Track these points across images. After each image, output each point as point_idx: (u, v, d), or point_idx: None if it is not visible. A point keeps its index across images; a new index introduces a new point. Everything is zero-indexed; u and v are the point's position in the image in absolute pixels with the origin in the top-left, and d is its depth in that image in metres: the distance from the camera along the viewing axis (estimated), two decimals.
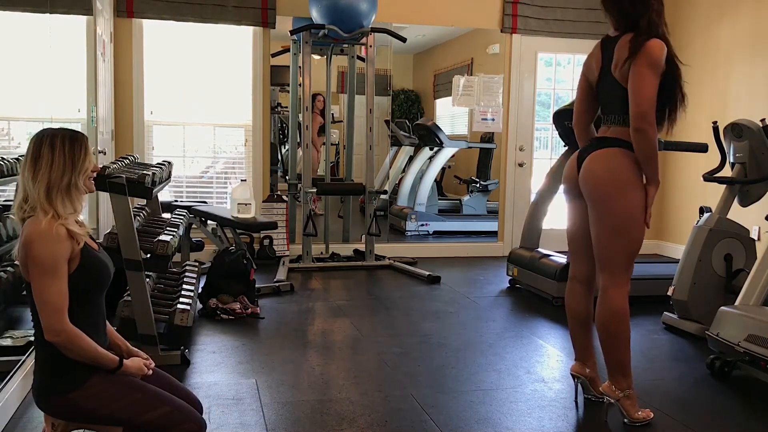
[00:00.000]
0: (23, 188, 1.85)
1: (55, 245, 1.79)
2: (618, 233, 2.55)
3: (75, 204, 1.88)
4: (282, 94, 6.50)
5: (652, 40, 2.45)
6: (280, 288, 4.71)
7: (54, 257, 1.79)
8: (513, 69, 6.31)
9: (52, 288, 1.78)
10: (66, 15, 4.35)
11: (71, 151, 1.87)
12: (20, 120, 4.05)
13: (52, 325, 1.78)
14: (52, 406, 1.88)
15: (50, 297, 1.78)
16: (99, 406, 1.86)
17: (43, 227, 1.79)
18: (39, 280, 1.79)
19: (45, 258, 1.78)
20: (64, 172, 1.84)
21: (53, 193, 1.83)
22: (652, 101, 2.45)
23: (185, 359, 3.17)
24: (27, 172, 1.84)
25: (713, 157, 4.12)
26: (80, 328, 1.82)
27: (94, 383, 1.86)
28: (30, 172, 1.83)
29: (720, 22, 5.79)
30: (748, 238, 3.93)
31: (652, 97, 2.45)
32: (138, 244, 3.07)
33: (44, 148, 1.84)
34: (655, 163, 2.52)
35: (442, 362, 3.35)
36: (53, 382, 1.85)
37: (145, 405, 1.89)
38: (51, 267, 1.79)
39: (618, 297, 2.58)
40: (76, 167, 1.87)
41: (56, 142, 1.85)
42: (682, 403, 2.94)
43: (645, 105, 2.44)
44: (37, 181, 1.82)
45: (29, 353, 2.86)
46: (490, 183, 7.30)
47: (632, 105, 2.46)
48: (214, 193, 6.00)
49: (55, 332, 1.78)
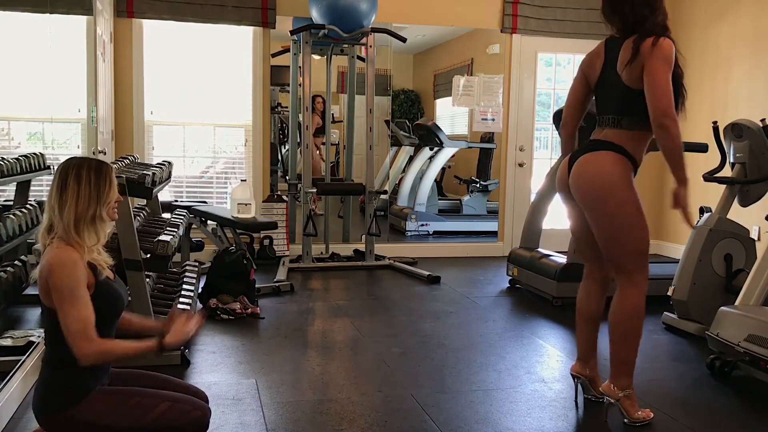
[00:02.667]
0: (48, 217, 1.90)
1: (75, 271, 1.84)
2: (618, 235, 2.55)
3: (99, 234, 1.93)
4: (282, 94, 6.50)
5: (664, 39, 2.45)
6: (280, 288, 4.71)
7: (76, 283, 1.83)
8: (513, 69, 6.31)
9: (78, 314, 1.82)
10: (66, 15, 4.35)
11: (97, 183, 1.91)
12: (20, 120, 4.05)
13: (82, 350, 1.82)
14: (54, 423, 1.89)
15: (76, 325, 1.82)
16: (98, 417, 1.88)
17: (63, 255, 1.84)
18: (62, 307, 1.82)
19: (65, 285, 1.82)
20: (89, 203, 1.89)
21: (80, 224, 1.88)
22: (671, 96, 2.42)
23: (185, 359, 3.17)
24: (54, 201, 1.89)
25: (713, 157, 4.12)
26: None
27: (92, 398, 1.89)
28: (57, 202, 1.88)
29: (720, 22, 5.79)
30: (748, 238, 3.93)
31: (670, 93, 2.42)
32: (138, 244, 3.07)
33: (70, 180, 1.89)
34: (680, 159, 2.46)
35: (442, 362, 3.35)
36: (53, 400, 1.88)
37: (144, 407, 1.91)
38: (73, 294, 1.83)
39: (634, 297, 2.57)
40: (101, 199, 1.92)
41: (82, 173, 1.90)
42: (682, 403, 2.94)
43: (665, 100, 2.41)
44: (64, 212, 1.87)
45: (29, 353, 2.87)
46: (490, 183, 7.30)
47: (652, 102, 2.42)
48: (214, 193, 6.00)
49: (86, 356, 1.83)
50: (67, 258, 1.84)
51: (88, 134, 4.57)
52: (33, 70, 3.79)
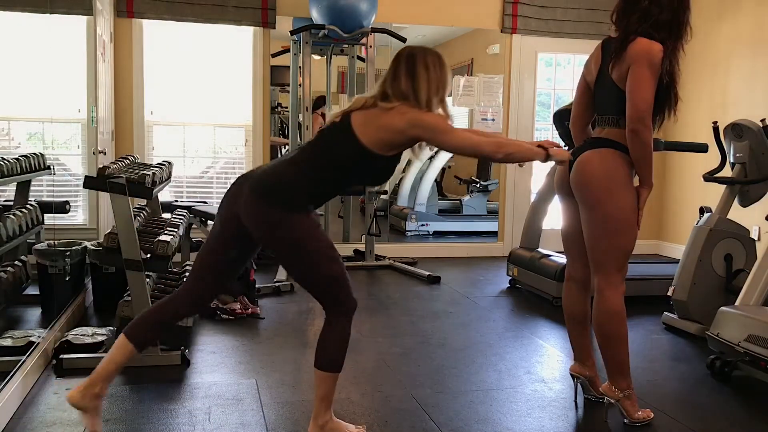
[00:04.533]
0: (381, 90, 2.27)
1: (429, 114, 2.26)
2: (610, 234, 2.55)
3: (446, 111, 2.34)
4: (282, 94, 6.50)
5: (653, 42, 2.45)
6: (280, 288, 4.71)
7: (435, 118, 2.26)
8: (513, 69, 6.31)
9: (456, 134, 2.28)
10: (66, 15, 4.36)
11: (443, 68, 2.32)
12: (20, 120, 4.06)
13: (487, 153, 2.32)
14: (268, 208, 2.17)
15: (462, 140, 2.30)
16: (297, 231, 2.18)
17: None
18: (443, 137, 2.25)
19: (434, 120, 2.25)
20: (438, 88, 2.29)
21: (432, 104, 2.27)
22: (649, 103, 2.45)
23: (185, 359, 3.17)
24: (405, 82, 2.25)
25: (713, 157, 4.12)
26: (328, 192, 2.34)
27: (305, 213, 2.21)
28: (408, 83, 2.25)
29: (720, 22, 5.79)
30: (748, 238, 3.93)
31: (649, 98, 2.45)
32: (138, 245, 3.07)
33: (419, 66, 2.27)
34: (648, 165, 2.52)
35: (442, 362, 3.35)
36: (284, 193, 2.17)
37: (329, 260, 2.23)
38: (443, 123, 2.25)
39: (614, 297, 2.58)
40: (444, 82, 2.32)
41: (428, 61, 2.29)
42: (682, 403, 2.94)
43: (642, 106, 2.44)
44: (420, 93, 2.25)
45: (29, 353, 2.87)
46: (490, 183, 7.30)
47: (630, 106, 2.46)
48: (214, 193, 6.00)
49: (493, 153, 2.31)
50: None
51: (88, 134, 4.57)
52: (33, 70, 3.80)
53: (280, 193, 2.18)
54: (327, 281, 2.25)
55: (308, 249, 2.20)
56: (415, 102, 2.25)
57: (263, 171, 2.28)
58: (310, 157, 2.28)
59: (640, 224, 2.58)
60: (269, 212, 2.18)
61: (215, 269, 2.36)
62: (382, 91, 2.28)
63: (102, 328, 3.42)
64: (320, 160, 2.26)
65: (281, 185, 2.20)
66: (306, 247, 2.20)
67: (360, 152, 2.24)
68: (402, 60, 2.30)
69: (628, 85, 2.47)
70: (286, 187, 2.20)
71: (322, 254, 2.23)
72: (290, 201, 2.18)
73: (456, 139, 2.28)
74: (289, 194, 2.19)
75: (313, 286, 2.29)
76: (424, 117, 2.24)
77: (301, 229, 2.20)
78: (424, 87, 2.26)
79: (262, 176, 2.24)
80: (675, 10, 2.50)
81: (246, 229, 2.23)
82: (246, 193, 2.21)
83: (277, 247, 2.25)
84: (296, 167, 2.26)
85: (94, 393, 2.28)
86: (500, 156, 2.32)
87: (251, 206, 2.19)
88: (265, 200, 2.18)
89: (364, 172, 2.33)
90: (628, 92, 2.46)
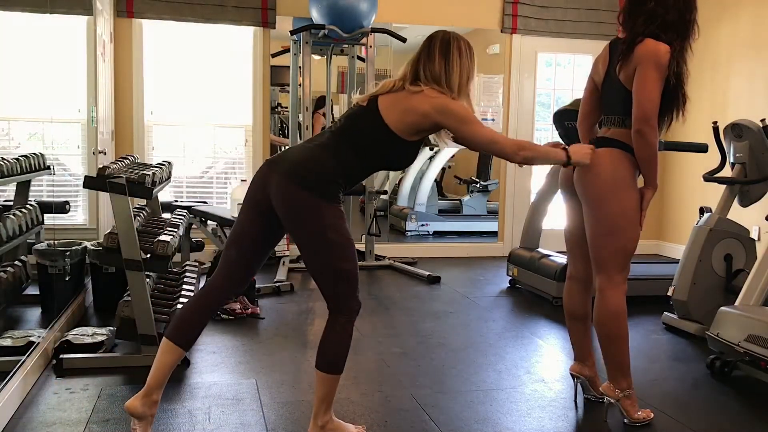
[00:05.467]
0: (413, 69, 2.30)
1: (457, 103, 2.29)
2: (612, 233, 2.55)
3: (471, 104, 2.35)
4: (282, 94, 6.50)
5: (659, 43, 2.45)
6: (280, 288, 4.71)
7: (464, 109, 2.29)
8: (513, 69, 6.31)
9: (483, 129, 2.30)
10: (66, 15, 4.36)
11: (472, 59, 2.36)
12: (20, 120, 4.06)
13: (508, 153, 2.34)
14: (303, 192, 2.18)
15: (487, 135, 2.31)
16: (328, 218, 2.19)
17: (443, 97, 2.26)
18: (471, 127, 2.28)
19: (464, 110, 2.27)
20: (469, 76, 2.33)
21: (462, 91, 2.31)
22: (655, 104, 2.45)
23: (185, 359, 3.17)
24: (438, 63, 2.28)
25: (713, 157, 4.12)
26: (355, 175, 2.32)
27: (336, 203, 2.24)
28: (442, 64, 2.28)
29: (720, 22, 5.79)
30: (748, 238, 3.93)
31: (655, 99, 2.45)
32: (138, 245, 3.07)
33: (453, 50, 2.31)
34: (653, 166, 2.52)
35: (442, 362, 3.35)
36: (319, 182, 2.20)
37: (352, 253, 2.26)
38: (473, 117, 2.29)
39: (615, 297, 2.58)
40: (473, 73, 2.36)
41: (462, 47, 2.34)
42: (682, 403, 2.94)
43: (648, 107, 2.44)
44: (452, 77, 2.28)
45: (29, 353, 2.87)
46: (490, 183, 7.30)
47: (635, 107, 2.46)
48: (214, 193, 6.00)
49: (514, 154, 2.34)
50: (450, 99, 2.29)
51: (88, 134, 4.57)
52: (33, 70, 3.79)
53: (314, 178, 2.20)
54: (339, 275, 2.24)
55: (330, 239, 2.20)
56: (446, 86, 2.27)
57: (295, 156, 2.28)
58: (339, 141, 2.29)
59: (643, 225, 2.58)
60: (302, 196, 2.19)
61: (245, 256, 2.38)
62: (414, 70, 2.30)
63: (102, 328, 3.42)
64: (348, 144, 2.28)
65: (314, 170, 2.21)
66: (329, 237, 2.20)
67: (385, 136, 2.27)
68: (437, 41, 2.31)
69: (634, 85, 2.47)
70: (319, 172, 2.21)
71: (343, 248, 2.23)
72: (324, 187, 2.21)
73: (480, 132, 2.30)
74: (323, 180, 2.21)
75: (325, 278, 2.27)
76: (452, 104, 2.26)
77: (330, 217, 2.21)
78: (456, 72, 2.28)
79: (295, 161, 2.24)
80: (681, 10, 2.50)
81: (274, 213, 2.25)
82: (279, 178, 2.21)
83: (302, 232, 2.24)
84: (326, 152, 2.26)
85: (153, 401, 2.32)
86: (519, 158, 2.34)
87: (285, 191, 2.20)
88: (299, 185, 2.19)
89: (389, 156, 2.34)
90: (635, 93, 2.46)
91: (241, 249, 2.37)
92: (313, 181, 2.19)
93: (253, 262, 2.41)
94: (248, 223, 2.35)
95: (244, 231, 2.36)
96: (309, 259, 2.29)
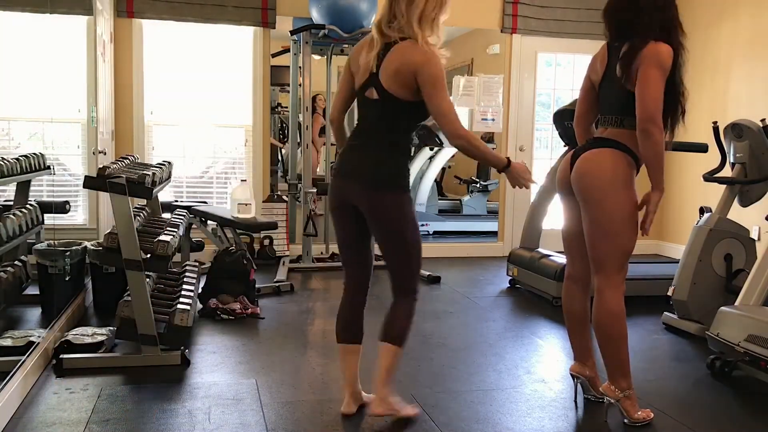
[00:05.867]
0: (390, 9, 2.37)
1: (442, 65, 2.34)
2: (610, 234, 2.55)
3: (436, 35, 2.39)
4: (282, 94, 6.50)
5: (660, 44, 2.46)
6: (280, 288, 4.71)
7: (444, 75, 2.33)
8: (513, 69, 6.31)
9: (448, 99, 2.35)
10: (66, 15, 4.36)
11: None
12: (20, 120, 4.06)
13: (457, 130, 2.34)
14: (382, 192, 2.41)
15: (450, 107, 2.34)
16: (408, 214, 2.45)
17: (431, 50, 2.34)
18: (440, 94, 2.32)
19: (441, 75, 2.32)
20: (434, 7, 2.36)
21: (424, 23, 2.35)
22: (659, 103, 2.44)
23: (185, 359, 3.17)
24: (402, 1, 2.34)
25: (713, 157, 4.12)
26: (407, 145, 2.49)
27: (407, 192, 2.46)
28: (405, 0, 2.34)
29: (720, 22, 5.79)
30: (748, 238, 3.93)
31: (659, 98, 2.44)
32: (138, 244, 3.07)
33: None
34: (660, 167, 2.50)
35: (442, 362, 3.35)
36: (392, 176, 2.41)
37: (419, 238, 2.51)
38: (444, 82, 2.33)
39: (614, 298, 2.58)
40: (444, 6, 2.39)
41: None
42: (682, 403, 2.94)
43: (652, 106, 2.43)
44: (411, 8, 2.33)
45: (29, 353, 2.87)
46: (490, 183, 7.30)
47: (639, 106, 2.45)
48: (214, 193, 6.00)
49: (459, 136, 2.34)
50: (437, 54, 2.34)
51: (88, 134, 4.57)
52: (33, 70, 3.80)
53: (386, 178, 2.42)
54: (414, 254, 2.53)
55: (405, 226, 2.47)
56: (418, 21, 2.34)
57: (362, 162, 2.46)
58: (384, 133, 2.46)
59: (649, 229, 2.56)
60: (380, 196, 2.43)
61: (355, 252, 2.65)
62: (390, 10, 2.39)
63: (102, 328, 3.42)
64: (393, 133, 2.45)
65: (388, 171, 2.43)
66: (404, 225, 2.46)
67: (404, 106, 2.41)
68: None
69: (637, 85, 2.46)
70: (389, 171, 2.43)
71: (416, 231, 2.50)
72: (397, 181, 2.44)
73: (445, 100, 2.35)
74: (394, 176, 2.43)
75: (401, 258, 2.54)
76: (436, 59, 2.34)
77: (405, 208, 2.46)
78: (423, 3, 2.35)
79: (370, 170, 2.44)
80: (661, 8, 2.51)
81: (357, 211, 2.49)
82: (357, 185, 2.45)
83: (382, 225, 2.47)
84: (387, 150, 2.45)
85: (356, 393, 2.67)
86: (459, 141, 2.38)
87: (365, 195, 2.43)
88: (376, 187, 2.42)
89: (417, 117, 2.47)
90: (638, 93, 2.45)
91: (351, 250, 2.65)
92: (391, 183, 2.42)
93: (365, 256, 2.68)
94: (343, 228, 2.60)
95: (343, 234, 2.61)
96: (385, 245, 2.53)
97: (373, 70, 2.42)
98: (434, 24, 2.39)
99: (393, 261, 2.55)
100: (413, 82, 2.35)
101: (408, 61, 2.34)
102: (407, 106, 2.41)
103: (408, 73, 2.34)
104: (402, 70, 2.35)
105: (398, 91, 2.38)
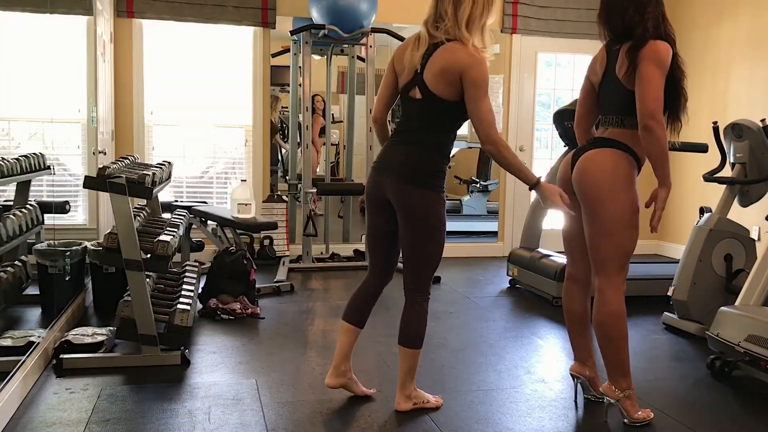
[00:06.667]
0: (435, 9, 2.46)
1: (487, 70, 2.39)
2: (611, 234, 2.55)
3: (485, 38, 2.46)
4: (282, 94, 6.50)
5: (660, 42, 2.46)
6: (280, 288, 4.71)
7: (488, 79, 2.39)
8: (513, 69, 6.31)
9: (490, 105, 2.40)
10: (66, 15, 4.35)
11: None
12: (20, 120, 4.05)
13: (490, 135, 2.40)
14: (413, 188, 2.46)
15: (490, 114, 2.39)
16: (438, 213, 2.49)
17: (479, 53, 2.40)
18: (482, 98, 2.37)
19: (486, 79, 2.38)
20: (482, 11, 2.42)
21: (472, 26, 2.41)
22: (659, 100, 2.44)
23: (185, 359, 3.17)
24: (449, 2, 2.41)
25: (713, 157, 4.12)
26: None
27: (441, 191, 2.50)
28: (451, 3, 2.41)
29: (720, 22, 5.79)
30: (748, 238, 3.93)
31: (659, 95, 2.44)
32: (138, 245, 3.07)
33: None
34: (664, 163, 2.50)
35: (442, 362, 3.35)
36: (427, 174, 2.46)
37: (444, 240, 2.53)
38: (487, 87, 2.39)
39: (614, 298, 2.58)
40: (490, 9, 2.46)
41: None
42: (682, 403, 2.94)
43: (652, 103, 2.43)
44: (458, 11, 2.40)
45: (29, 353, 2.87)
46: (490, 183, 7.30)
47: (640, 104, 2.45)
48: (214, 193, 6.00)
49: (493, 141, 2.40)
50: (483, 57, 2.39)
51: (88, 134, 4.57)
52: (33, 70, 3.79)
53: (423, 175, 2.47)
54: (435, 254, 2.55)
55: (433, 225, 2.50)
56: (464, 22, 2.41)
57: (399, 158, 2.51)
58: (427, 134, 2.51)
59: (657, 226, 2.56)
60: (415, 193, 2.47)
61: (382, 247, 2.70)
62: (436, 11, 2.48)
63: (102, 328, 3.42)
64: (433, 133, 2.50)
65: (421, 167, 2.47)
66: (432, 224, 2.49)
67: (447, 106, 2.45)
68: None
69: (637, 83, 2.46)
70: (426, 169, 2.48)
71: (441, 234, 2.52)
72: (432, 180, 2.49)
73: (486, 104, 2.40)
74: (431, 174, 2.48)
75: (421, 257, 2.55)
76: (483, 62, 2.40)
77: (438, 205, 2.50)
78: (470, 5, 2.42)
79: (405, 165, 2.49)
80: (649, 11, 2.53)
81: (391, 207, 2.55)
82: (392, 181, 2.49)
83: (412, 221, 2.50)
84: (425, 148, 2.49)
85: (341, 371, 2.74)
86: (491, 147, 2.44)
87: (400, 191, 2.48)
88: (411, 184, 2.47)
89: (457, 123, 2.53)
90: (638, 90, 2.45)
91: (377, 242, 2.71)
92: (422, 178, 2.47)
93: (391, 252, 2.71)
94: (373, 220, 2.67)
95: (374, 227, 2.68)
96: (409, 240, 2.55)
97: (417, 69, 2.46)
98: (483, 28, 2.45)
99: (412, 258, 2.57)
100: (458, 82, 2.39)
101: (455, 61, 2.39)
102: (449, 106, 2.45)
103: (454, 73, 2.39)
104: (448, 69, 2.39)
105: (442, 91, 2.42)
